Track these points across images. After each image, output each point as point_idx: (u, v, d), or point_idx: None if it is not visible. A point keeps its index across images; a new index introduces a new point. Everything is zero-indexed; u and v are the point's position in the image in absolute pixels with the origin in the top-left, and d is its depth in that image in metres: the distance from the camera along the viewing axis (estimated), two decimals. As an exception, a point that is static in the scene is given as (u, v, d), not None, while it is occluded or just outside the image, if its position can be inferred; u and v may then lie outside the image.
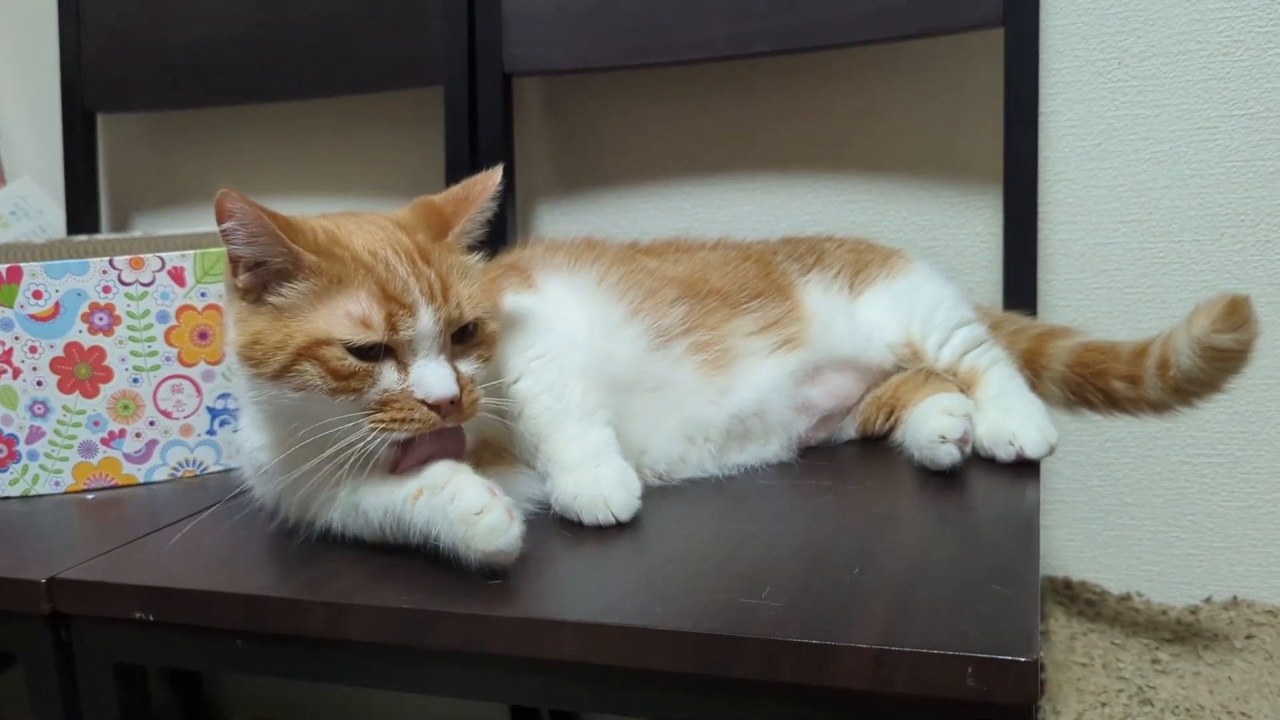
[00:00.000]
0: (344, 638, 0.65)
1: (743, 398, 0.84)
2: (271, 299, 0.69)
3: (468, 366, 0.71)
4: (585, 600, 0.63)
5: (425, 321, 0.68)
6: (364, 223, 0.73)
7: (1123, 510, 1.22)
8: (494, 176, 0.76)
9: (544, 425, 0.76)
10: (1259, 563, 1.18)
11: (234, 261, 0.70)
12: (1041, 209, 1.16)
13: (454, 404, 0.68)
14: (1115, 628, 1.09)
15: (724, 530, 0.74)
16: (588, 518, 0.73)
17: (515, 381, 0.77)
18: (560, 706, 1.30)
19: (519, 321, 0.79)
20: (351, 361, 0.67)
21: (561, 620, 0.60)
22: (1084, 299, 1.18)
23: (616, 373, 0.80)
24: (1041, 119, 1.15)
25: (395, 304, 0.67)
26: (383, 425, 0.67)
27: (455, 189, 0.78)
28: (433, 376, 0.68)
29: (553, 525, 0.74)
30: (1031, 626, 0.55)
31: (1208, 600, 1.15)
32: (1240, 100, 1.11)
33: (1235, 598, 1.14)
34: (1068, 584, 1.19)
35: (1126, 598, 1.17)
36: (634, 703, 0.62)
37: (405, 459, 0.69)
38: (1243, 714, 0.91)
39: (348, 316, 0.67)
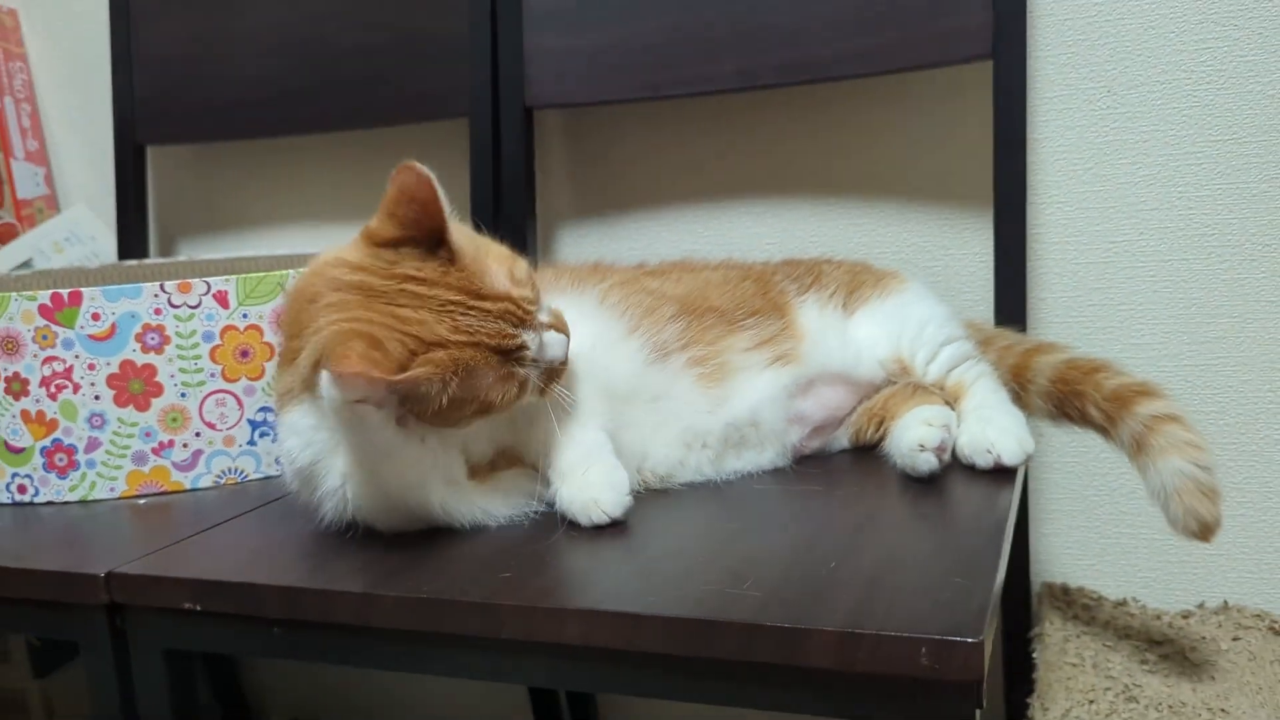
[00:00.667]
0: (370, 625, 0.71)
1: (738, 408, 0.89)
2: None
3: (545, 313, 0.80)
4: (587, 590, 0.70)
5: (530, 340, 0.77)
6: (405, 300, 0.75)
7: (1120, 519, 1.26)
8: (419, 170, 0.79)
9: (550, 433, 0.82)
10: (1250, 569, 1.22)
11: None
12: (1034, 230, 1.22)
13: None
14: (1108, 631, 1.13)
15: (716, 530, 0.80)
16: (583, 520, 0.79)
17: None
18: (565, 687, 1.36)
19: None
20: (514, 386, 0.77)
21: (565, 608, 0.66)
22: (1078, 316, 1.23)
23: (615, 383, 0.86)
24: (1033, 145, 1.21)
25: (516, 351, 0.76)
26: (547, 384, 0.79)
27: (395, 207, 0.79)
28: (554, 349, 0.79)
29: (560, 525, 0.80)
30: (982, 612, 0.60)
31: (1200, 606, 1.19)
32: (1224, 126, 1.16)
33: (1226, 603, 1.18)
34: (1065, 590, 1.23)
35: (1122, 603, 1.21)
36: (631, 682, 0.68)
37: None
38: (1222, 710, 0.95)
39: (500, 379, 0.76)
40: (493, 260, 0.79)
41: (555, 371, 0.79)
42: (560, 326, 0.80)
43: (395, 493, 0.78)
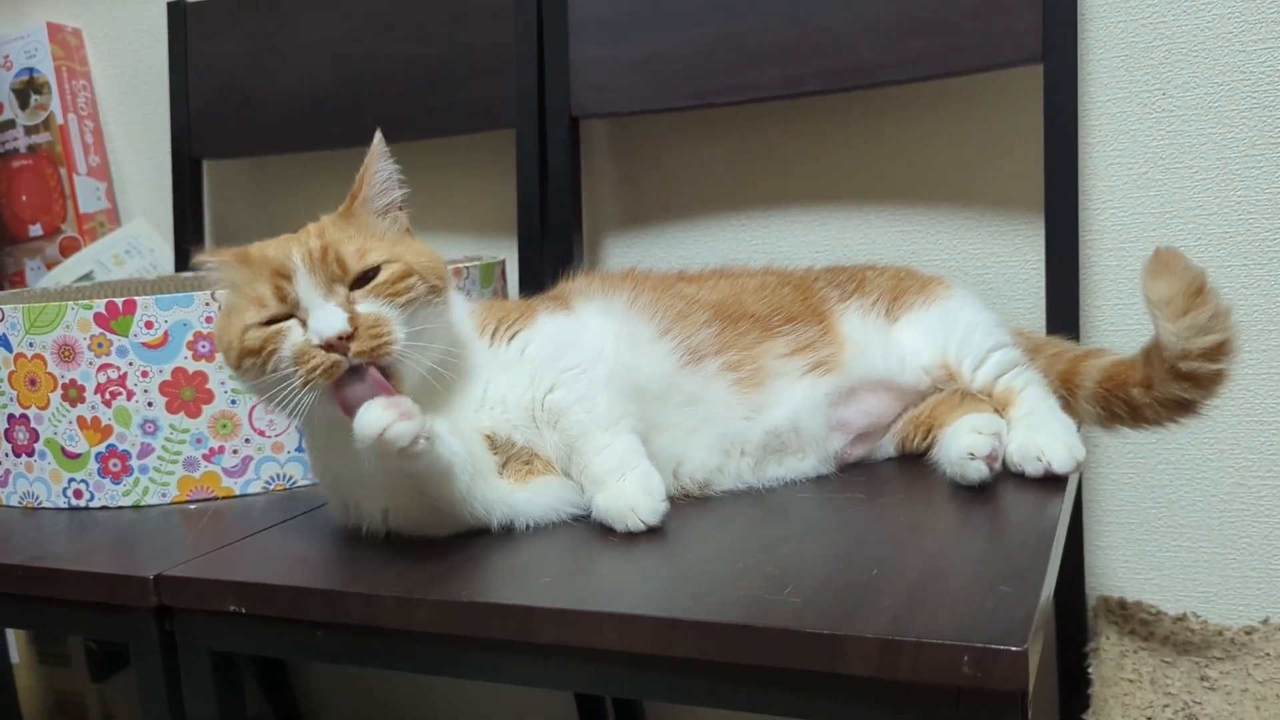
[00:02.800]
0: (411, 628, 0.72)
1: (777, 415, 0.88)
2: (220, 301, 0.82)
3: (370, 306, 0.77)
4: (624, 595, 0.69)
5: (303, 282, 0.76)
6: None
7: (1178, 532, 1.23)
8: (375, 140, 0.84)
9: (576, 437, 0.81)
10: (1318, 584, 1.18)
11: None
12: (1087, 236, 1.20)
13: (346, 339, 0.74)
14: (1167, 647, 1.10)
15: (756, 536, 0.79)
16: (619, 527, 0.79)
17: (550, 391, 0.83)
18: (603, 692, 1.35)
19: (553, 336, 0.85)
20: (259, 331, 0.76)
21: (602, 612, 0.66)
22: (1132, 324, 1.20)
23: (644, 383, 0.85)
24: (1086, 149, 1.19)
25: (279, 277, 0.77)
26: (302, 379, 0.75)
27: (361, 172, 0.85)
28: (320, 319, 0.75)
29: (596, 530, 0.80)
30: (1028, 621, 0.59)
31: (1265, 621, 1.15)
32: (1284, 127, 1.13)
33: (1292, 618, 1.15)
34: (1122, 604, 1.20)
35: (1182, 618, 1.17)
36: (668, 688, 0.68)
37: (347, 410, 0.75)
38: (1287, 730, 0.92)
39: (251, 302, 0.77)
40: (390, 240, 0.82)
41: (304, 355, 0.75)
42: (362, 322, 0.75)
43: (433, 493, 0.79)
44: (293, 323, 0.77)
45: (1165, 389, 0.90)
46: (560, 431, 0.82)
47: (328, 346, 0.74)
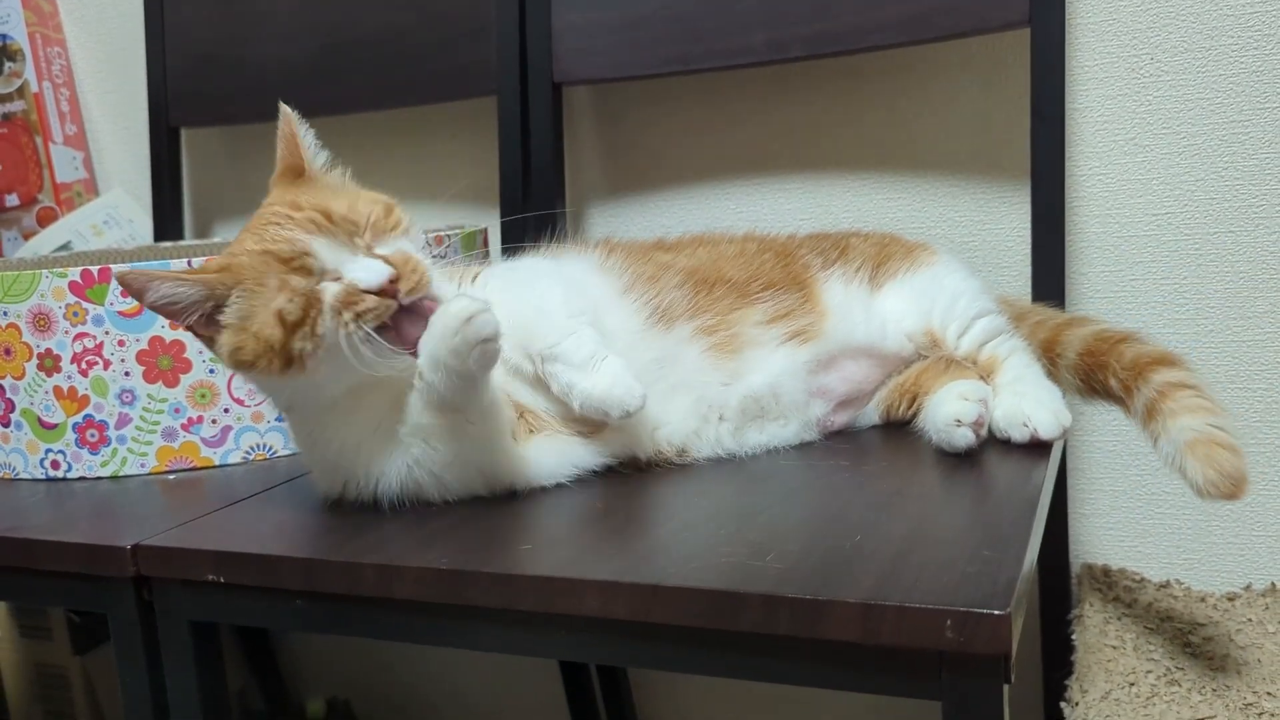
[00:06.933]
0: (391, 596, 0.71)
1: (756, 382, 0.88)
2: (222, 319, 0.76)
3: (389, 247, 0.77)
4: (606, 562, 0.68)
5: (323, 249, 0.75)
6: (259, 224, 0.78)
7: (1163, 498, 1.23)
8: (285, 110, 0.84)
9: (530, 319, 0.80)
10: (1299, 551, 1.18)
11: (174, 316, 0.76)
12: (1073, 204, 1.19)
13: (395, 281, 0.74)
14: (1150, 614, 1.10)
15: (739, 503, 0.79)
16: (616, 411, 0.77)
17: (516, 313, 0.80)
18: (585, 660, 1.35)
19: (515, 271, 0.87)
20: (294, 304, 0.73)
21: (583, 579, 0.65)
22: (1118, 291, 1.20)
23: (607, 327, 0.83)
24: (1073, 115, 1.18)
25: (296, 259, 0.74)
26: (353, 323, 0.73)
27: (278, 147, 0.84)
28: (361, 271, 0.74)
29: (584, 497, 0.80)
30: (1011, 585, 0.59)
31: (1247, 588, 1.16)
32: (1273, 93, 1.12)
33: (1274, 585, 1.14)
34: (1106, 572, 1.21)
35: (1166, 585, 1.18)
36: (650, 655, 0.67)
37: (406, 344, 0.74)
38: (1269, 694, 0.92)
39: (276, 292, 0.74)
40: (358, 196, 0.80)
41: (350, 301, 0.73)
42: (398, 262, 0.75)
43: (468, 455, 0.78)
44: (325, 283, 0.75)
45: (1139, 420, 0.87)
46: (526, 345, 0.81)
47: (380, 294, 0.73)
